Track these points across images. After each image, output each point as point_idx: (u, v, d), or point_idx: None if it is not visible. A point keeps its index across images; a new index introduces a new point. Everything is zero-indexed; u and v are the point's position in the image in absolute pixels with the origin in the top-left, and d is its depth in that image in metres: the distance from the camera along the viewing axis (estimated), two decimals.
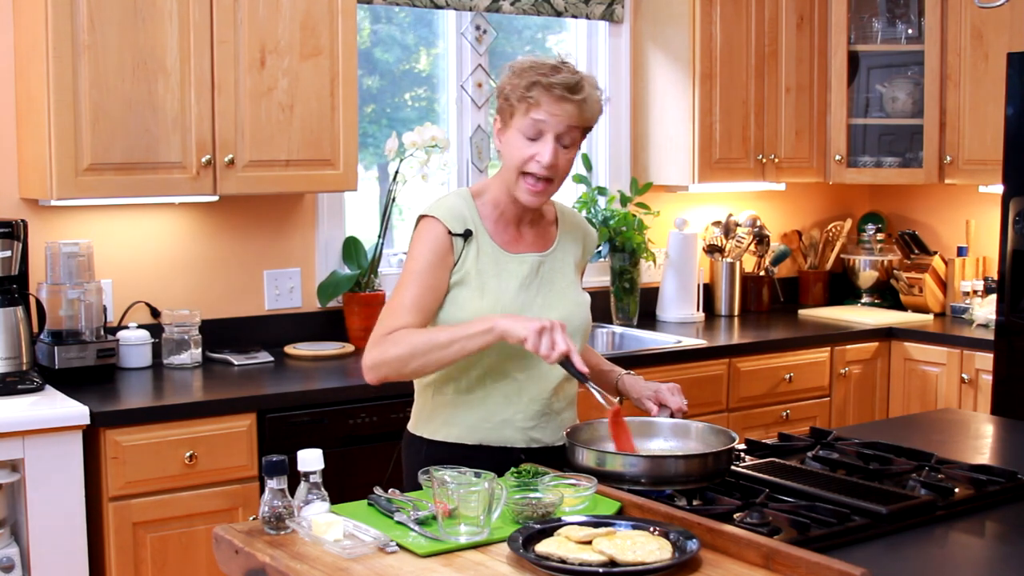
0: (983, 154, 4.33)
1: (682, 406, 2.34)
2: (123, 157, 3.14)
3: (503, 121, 2.28)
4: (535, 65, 2.24)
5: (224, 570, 1.91)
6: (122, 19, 3.10)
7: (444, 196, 2.36)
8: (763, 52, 4.44)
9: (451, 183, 4.14)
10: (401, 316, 2.23)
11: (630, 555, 1.68)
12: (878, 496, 2.01)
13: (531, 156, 2.23)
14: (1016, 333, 3.79)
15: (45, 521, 2.82)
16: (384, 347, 2.20)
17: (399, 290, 2.27)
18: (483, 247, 2.30)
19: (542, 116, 2.21)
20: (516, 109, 2.23)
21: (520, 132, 2.23)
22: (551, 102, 2.20)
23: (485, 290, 2.27)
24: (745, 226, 4.73)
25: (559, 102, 2.20)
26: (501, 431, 2.31)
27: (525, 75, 2.22)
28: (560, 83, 2.20)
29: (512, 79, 2.24)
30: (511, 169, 2.26)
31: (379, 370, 2.22)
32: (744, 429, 3.90)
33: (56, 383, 3.14)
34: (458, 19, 4.17)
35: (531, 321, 2.12)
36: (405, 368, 2.20)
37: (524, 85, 2.21)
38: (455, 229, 2.28)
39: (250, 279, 3.76)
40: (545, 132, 2.22)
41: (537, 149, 2.22)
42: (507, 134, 2.27)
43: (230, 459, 3.04)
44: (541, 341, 2.09)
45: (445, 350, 2.17)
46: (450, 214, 2.29)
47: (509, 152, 2.26)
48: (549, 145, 2.22)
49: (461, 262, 2.28)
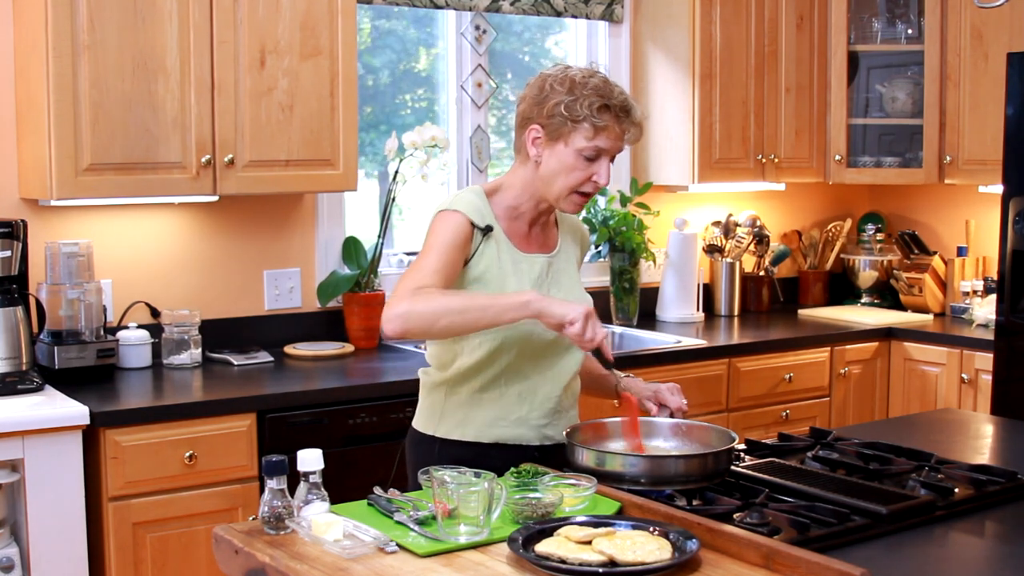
0: (983, 154, 4.33)
1: (682, 406, 2.35)
2: (123, 157, 3.14)
3: (553, 135, 2.25)
4: (603, 87, 2.23)
5: (224, 570, 1.91)
6: (122, 19, 3.10)
7: (460, 193, 2.35)
8: (763, 52, 4.44)
9: (451, 183, 4.14)
10: (427, 277, 2.18)
11: (630, 555, 1.68)
12: (878, 496, 2.02)
13: (588, 177, 2.25)
14: (1016, 333, 3.79)
15: (45, 521, 2.82)
16: (413, 300, 2.13)
17: (421, 259, 2.23)
18: (501, 245, 2.30)
19: (608, 144, 2.23)
20: (579, 129, 2.22)
21: (579, 152, 2.23)
22: (617, 128, 2.24)
23: (505, 288, 2.27)
24: (745, 226, 4.73)
25: (623, 127, 2.24)
26: (517, 429, 2.32)
27: (587, 94, 2.21)
28: (621, 106, 2.23)
29: (567, 96, 2.22)
30: (561, 185, 2.26)
31: (407, 320, 2.12)
32: (744, 429, 3.90)
33: (56, 383, 3.14)
34: (458, 19, 4.17)
35: (572, 304, 2.11)
36: (435, 324, 2.13)
37: (590, 106, 2.20)
38: (478, 222, 2.27)
39: (250, 279, 3.76)
40: (604, 155, 2.25)
41: (595, 170, 2.24)
42: (559, 149, 2.25)
43: (230, 459, 3.04)
44: (587, 326, 2.09)
45: (481, 312, 2.13)
46: (471, 207, 2.28)
47: (561, 168, 2.25)
48: (607, 166, 2.25)
49: (478, 256, 2.28)
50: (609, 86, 2.24)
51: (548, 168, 2.26)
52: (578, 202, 2.29)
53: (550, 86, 2.25)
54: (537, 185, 2.30)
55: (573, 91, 2.22)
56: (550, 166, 2.26)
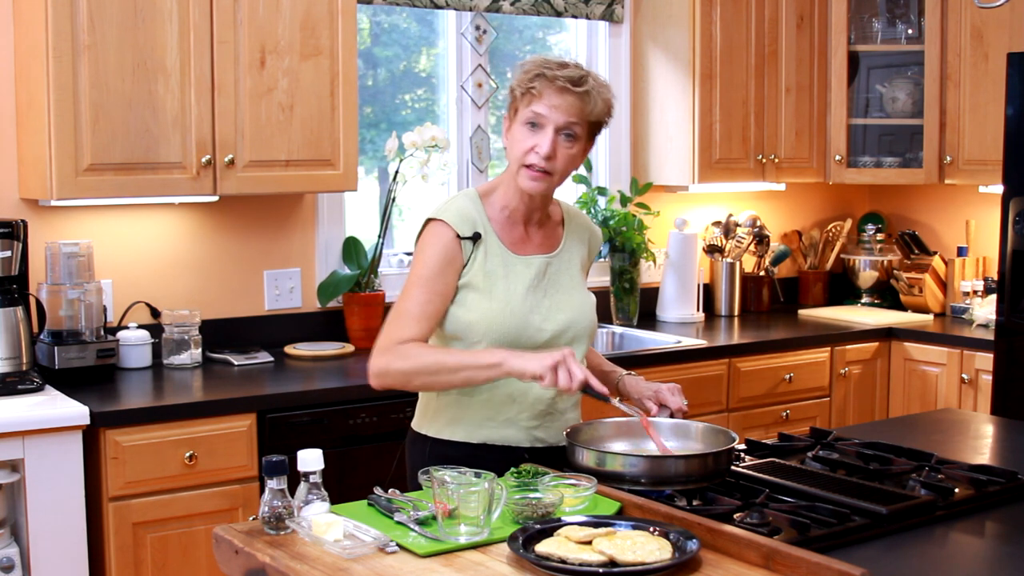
0: (983, 154, 4.33)
1: (682, 406, 2.35)
2: (123, 157, 3.14)
3: (510, 118, 2.31)
4: (543, 61, 2.27)
5: (224, 570, 1.91)
6: (122, 19, 3.10)
7: (452, 198, 2.36)
8: (763, 52, 4.44)
9: (451, 183, 4.14)
10: (409, 326, 2.24)
11: (630, 555, 1.68)
12: (878, 496, 2.01)
13: (531, 147, 2.25)
14: (1016, 333, 3.79)
15: (45, 521, 2.82)
16: (391, 358, 2.23)
17: (407, 294, 2.27)
18: (491, 249, 2.30)
19: (543, 108, 2.23)
20: (520, 102, 2.27)
21: (522, 124, 2.26)
22: (553, 94, 2.23)
23: (494, 292, 2.27)
24: (745, 226, 4.73)
25: (561, 94, 2.23)
26: (505, 430, 2.31)
27: (531, 70, 2.26)
28: (564, 76, 2.23)
29: (519, 75, 2.28)
30: (514, 161, 2.29)
31: (384, 379, 2.25)
32: (744, 429, 3.90)
33: (56, 383, 3.14)
34: (458, 19, 4.17)
35: (542, 357, 2.11)
36: (410, 383, 2.26)
37: (528, 78, 2.25)
38: (464, 232, 2.28)
39: (250, 279, 3.76)
40: (545, 124, 2.24)
41: (537, 140, 2.24)
42: (512, 128, 2.30)
43: (230, 459, 3.04)
44: (558, 376, 2.09)
45: (452, 375, 2.20)
46: (459, 217, 2.29)
47: (512, 145, 2.29)
48: (548, 136, 2.24)
49: (470, 264, 2.28)
50: (559, 62, 2.26)
51: (509, 150, 2.31)
52: (530, 176, 2.26)
53: (515, 73, 2.32)
54: (511, 171, 2.32)
55: (522, 71, 2.28)
56: (509, 147, 2.31)
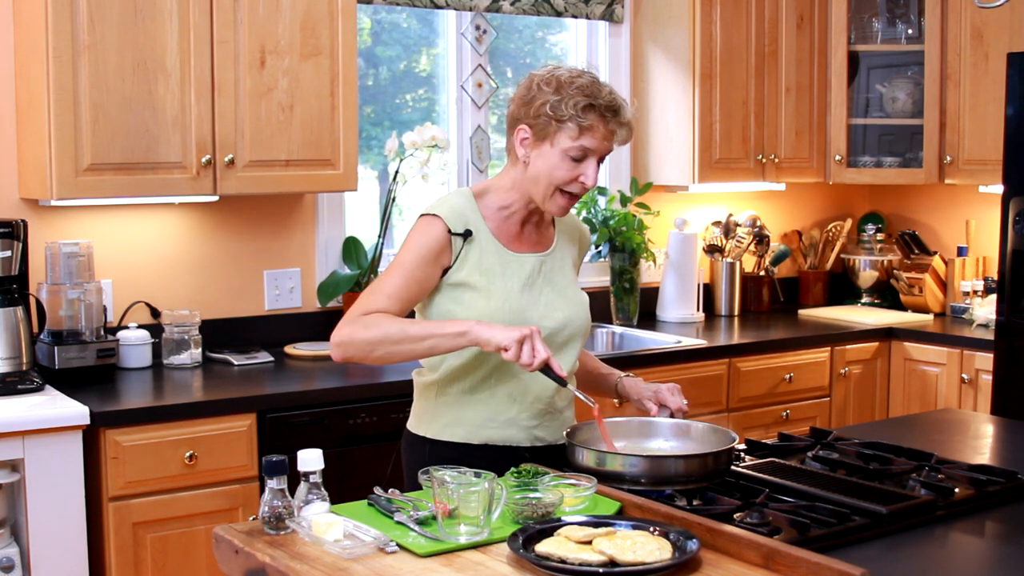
0: (983, 154, 4.33)
1: (682, 406, 2.35)
2: (123, 157, 3.14)
3: (540, 135, 2.23)
4: (589, 86, 2.21)
5: (224, 570, 1.91)
6: (122, 19, 3.10)
7: (446, 195, 2.36)
8: (763, 52, 4.44)
9: (451, 183, 4.14)
10: (380, 300, 2.23)
11: (630, 555, 1.68)
12: (878, 496, 2.01)
13: (575, 177, 2.23)
14: (1016, 333, 3.79)
15: (45, 521, 2.82)
16: (355, 327, 2.20)
17: (385, 276, 2.27)
18: (486, 247, 2.29)
19: (592, 143, 2.21)
20: (564, 129, 2.21)
21: (565, 152, 2.21)
22: (604, 128, 2.21)
23: (492, 290, 2.27)
24: (745, 226, 4.73)
25: (610, 128, 2.22)
26: (506, 430, 2.31)
27: (573, 94, 2.20)
28: (608, 105, 2.20)
29: (554, 96, 2.20)
30: (546, 185, 2.25)
31: (345, 348, 2.22)
32: (744, 429, 3.90)
33: (56, 383, 3.14)
34: (458, 19, 4.17)
35: (509, 329, 2.11)
36: (372, 353, 2.20)
37: (575, 105, 2.19)
38: (455, 228, 2.28)
39: (250, 279, 3.76)
40: (591, 156, 2.23)
41: (582, 171, 2.22)
42: (545, 150, 2.23)
43: (230, 459, 3.04)
44: (522, 350, 2.09)
45: (416, 344, 2.18)
46: (452, 212, 2.29)
47: (547, 169, 2.24)
48: (594, 167, 2.23)
49: (460, 262, 2.28)
50: (597, 86, 2.22)
51: (535, 169, 2.25)
52: (563, 204, 2.26)
53: (537, 86, 2.24)
54: (526, 186, 2.29)
55: (559, 91, 2.20)
56: (537, 167, 2.25)
